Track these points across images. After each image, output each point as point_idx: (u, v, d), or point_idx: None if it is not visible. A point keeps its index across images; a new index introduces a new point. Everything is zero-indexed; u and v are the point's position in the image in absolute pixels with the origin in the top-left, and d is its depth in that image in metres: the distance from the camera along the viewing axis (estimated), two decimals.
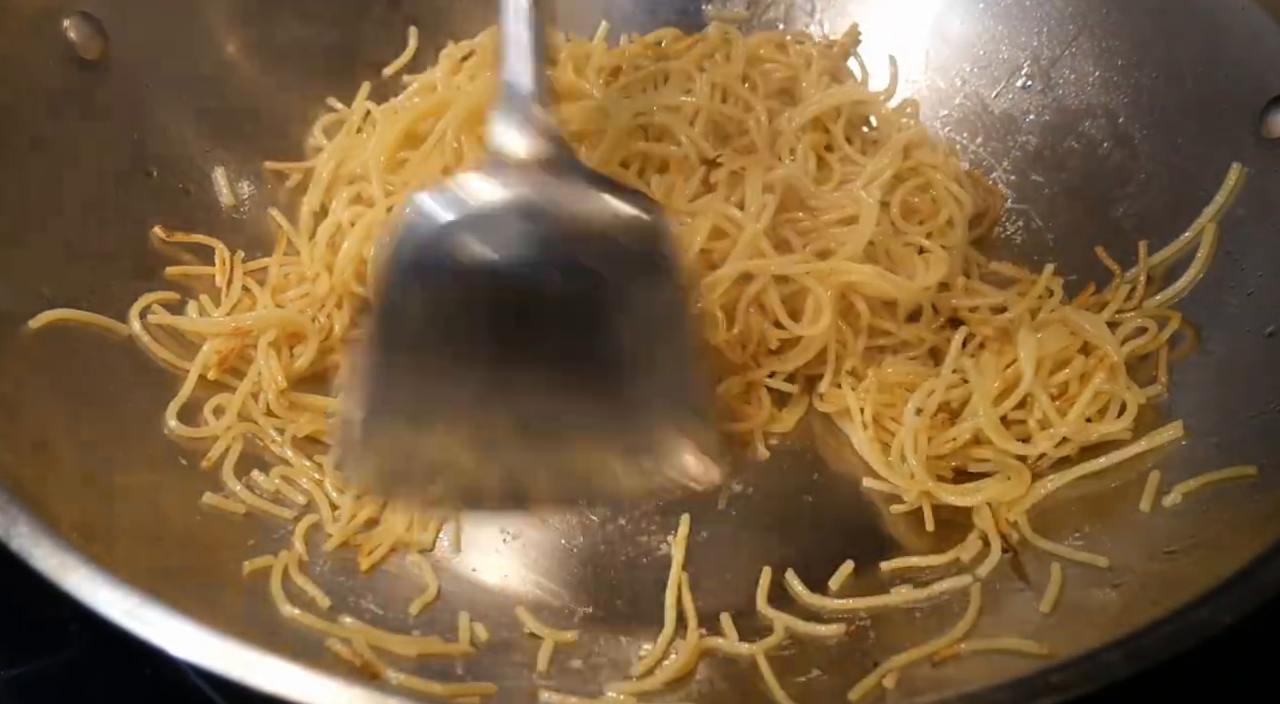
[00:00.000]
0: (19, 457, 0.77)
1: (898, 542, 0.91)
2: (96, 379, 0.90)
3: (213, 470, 0.91)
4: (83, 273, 0.94)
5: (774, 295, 0.96)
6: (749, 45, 1.12)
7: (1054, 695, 0.63)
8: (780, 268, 0.95)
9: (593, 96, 1.06)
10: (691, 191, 1.01)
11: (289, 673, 0.63)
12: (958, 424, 0.92)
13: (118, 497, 0.82)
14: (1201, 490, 0.84)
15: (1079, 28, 1.09)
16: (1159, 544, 0.81)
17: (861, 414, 0.95)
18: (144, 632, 0.64)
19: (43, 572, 0.67)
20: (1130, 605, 0.77)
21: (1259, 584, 0.68)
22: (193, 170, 1.06)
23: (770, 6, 1.22)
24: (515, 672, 0.81)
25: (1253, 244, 0.94)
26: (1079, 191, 1.08)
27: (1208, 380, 0.92)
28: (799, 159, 1.02)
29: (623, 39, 1.19)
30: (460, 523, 0.92)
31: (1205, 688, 0.85)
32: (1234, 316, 0.93)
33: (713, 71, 1.07)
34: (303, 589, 0.85)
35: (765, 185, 0.98)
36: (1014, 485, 0.90)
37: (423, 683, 0.77)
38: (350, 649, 0.78)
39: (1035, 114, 1.12)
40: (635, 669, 0.82)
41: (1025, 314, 0.98)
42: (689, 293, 0.84)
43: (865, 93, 1.13)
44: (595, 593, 0.89)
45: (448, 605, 0.87)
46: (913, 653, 0.80)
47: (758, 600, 0.86)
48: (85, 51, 0.98)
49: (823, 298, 0.95)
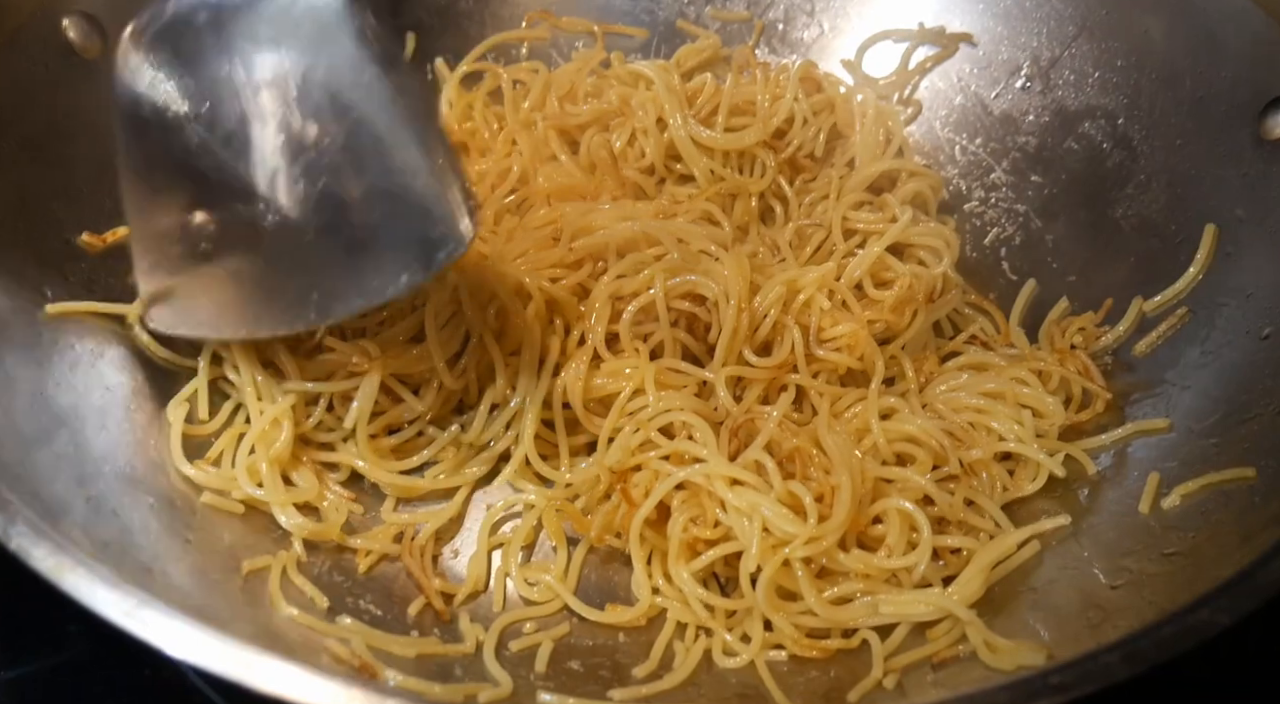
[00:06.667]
0: (16, 456, 0.77)
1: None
2: (95, 377, 0.90)
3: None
4: (82, 272, 0.94)
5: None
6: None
7: (1053, 696, 0.63)
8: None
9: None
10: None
11: (287, 673, 0.63)
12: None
13: (116, 496, 0.82)
14: (1200, 492, 0.84)
15: (1078, 29, 1.09)
16: (1157, 546, 0.82)
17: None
18: (142, 632, 0.64)
19: (41, 572, 0.67)
20: (1129, 606, 0.77)
21: (1257, 586, 0.68)
22: None
23: (770, 7, 1.22)
24: (514, 672, 0.81)
25: (1251, 246, 0.94)
26: (1078, 192, 1.08)
27: (1206, 382, 0.92)
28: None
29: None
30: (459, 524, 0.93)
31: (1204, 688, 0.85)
32: (1233, 318, 0.93)
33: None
34: (301, 589, 0.85)
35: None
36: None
37: (421, 683, 0.76)
38: (348, 649, 0.78)
39: (1035, 115, 1.12)
40: (635, 671, 0.82)
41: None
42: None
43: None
44: (594, 593, 0.89)
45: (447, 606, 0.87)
46: (913, 654, 0.80)
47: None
48: (84, 51, 0.98)
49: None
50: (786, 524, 0.83)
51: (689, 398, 0.93)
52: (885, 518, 0.87)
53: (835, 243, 1.06)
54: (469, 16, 1.20)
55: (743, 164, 1.11)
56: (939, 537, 0.86)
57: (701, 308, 0.96)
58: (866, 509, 0.87)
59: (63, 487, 0.78)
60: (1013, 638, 0.78)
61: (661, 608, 0.87)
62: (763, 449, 0.88)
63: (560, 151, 1.10)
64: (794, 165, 1.13)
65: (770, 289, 0.97)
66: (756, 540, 0.83)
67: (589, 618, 0.87)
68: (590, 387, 0.94)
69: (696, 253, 0.99)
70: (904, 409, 0.94)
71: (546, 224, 1.02)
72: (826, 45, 1.21)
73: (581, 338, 0.96)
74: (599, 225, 0.99)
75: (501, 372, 0.94)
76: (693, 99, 1.11)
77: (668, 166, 1.10)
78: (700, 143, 1.09)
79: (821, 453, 0.89)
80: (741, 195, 1.09)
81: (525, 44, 1.21)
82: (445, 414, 0.97)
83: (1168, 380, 0.95)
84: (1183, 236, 0.99)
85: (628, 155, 1.09)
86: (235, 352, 0.94)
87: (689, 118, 1.09)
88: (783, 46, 1.22)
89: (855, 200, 1.08)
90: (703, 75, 1.13)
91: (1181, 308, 0.97)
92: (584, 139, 1.10)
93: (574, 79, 1.14)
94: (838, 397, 0.97)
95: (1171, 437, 0.91)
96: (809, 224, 1.08)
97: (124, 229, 0.98)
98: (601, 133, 1.10)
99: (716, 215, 1.06)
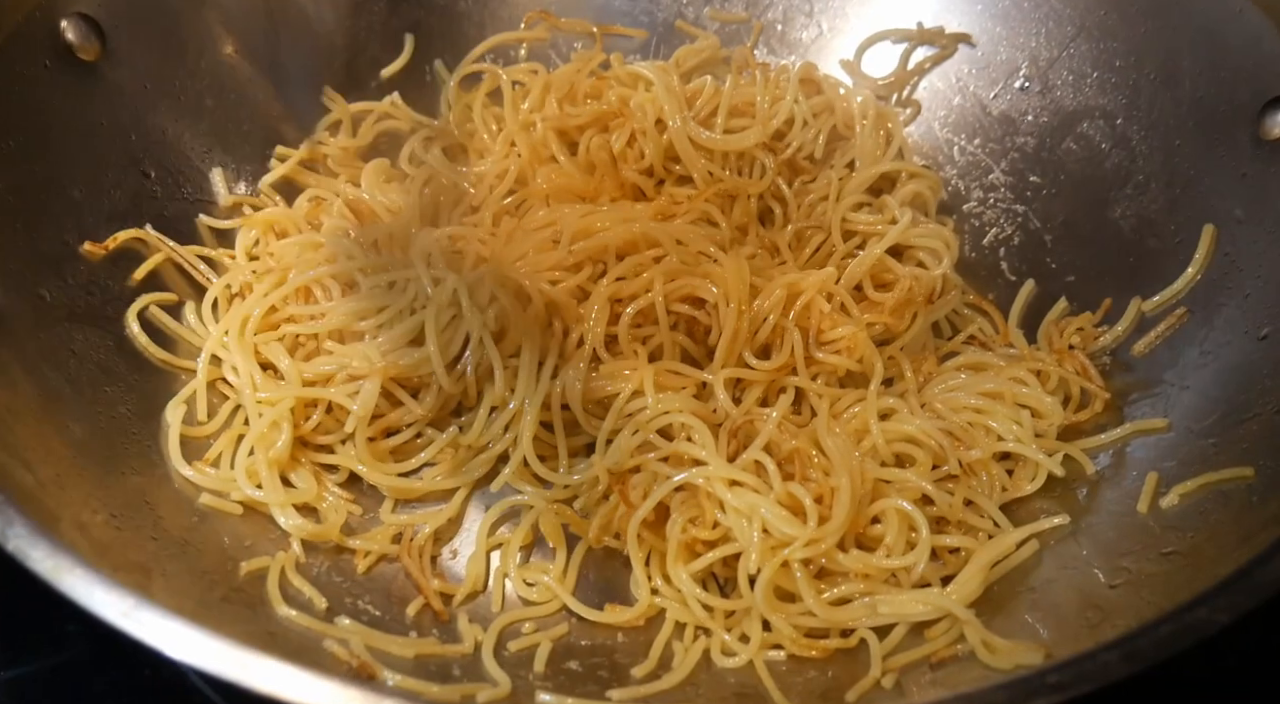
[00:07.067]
0: (15, 457, 0.77)
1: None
2: (94, 379, 0.90)
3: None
4: (82, 273, 0.94)
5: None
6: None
7: (1051, 695, 0.63)
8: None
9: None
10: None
11: (285, 673, 0.63)
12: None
13: (114, 497, 0.82)
14: (1199, 492, 0.84)
15: (1077, 29, 1.09)
16: (1156, 545, 0.82)
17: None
18: (140, 633, 0.64)
19: (39, 573, 0.67)
20: (1127, 606, 0.77)
21: (1256, 585, 0.68)
22: (191, 171, 1.06)
23: (769, 7, 1.22)
24: (513, 672, 0.81)
25: (1250, 246, 0.94)
26: (1077, 192, 1.08)
27: (1205, 382, 0.92)
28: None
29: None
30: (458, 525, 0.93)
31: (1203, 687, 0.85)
32: (1231, 318, 0.93)
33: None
34: (300, 590, 0.85)
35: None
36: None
37: (420, 684, 0.76)
38: (347, 650, 0.78)
39: (1033, 115, 1.12)
40: (634, 671, 0.82)
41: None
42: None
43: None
44: (593, 593, 0.89)
45: (446, 606, 0.87)
46: (911, 653, 0.80)
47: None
48: (83, 52, 0.98)
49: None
50: (786, 526, 0.83)
51: (688, 400, 0.93)
52: (884, 518, 0.87)
53: (835, 244, 1.06)
54: (468, 17, 1.20)
55: (742, 165, 1.11)
56: (938, 536, 0.86)
57: (701, 311, 0.96)
58: (865, 509, 0.87)
59: (61, 488, 0.78)
60: (1011, 637, 0.78)
61: (660, 608, 0.87)
62: (762, 450, 0.88)
63: (559, 153, 1.10)
64: (793, 167, 1.13)
65: (771, 292, 0.97)
66: (756, 542, 0.83)
67: (588, 618, 0.87)
68: (589, 388, 0.94)
69: (695, 254, 0.99)
70: (903, 409, 0.94)
71: (546, 225, 1.02)
72: (825, 46, 1.21)
73: (580, 340, 0.96)
74: (598, 227, 0.99)
75: (500, 374, 0.95)
76: (692, 100, 1.11)
77: (667, 168, 1.10)
78: (699, 144, 1.09)
79: (821, 454, 0.89)
80: (740, 197, 1.09)
81: (524, 45, 1.21)
82: (444, 416, 0.97)
83: (1166, 380, 0.94)
84: (1181, 236, 0.99)
85: (627, 156, 1.09)
86: (235, 353, 0.95)
87: (688, 119, 1.09)
88: (781, 47, 1.22)
89: (855, 202, 1.09)
90: (702, 77, 1.14)
91: (1180, 308, 0.97)
92: (583, 140, 1.10)
93: (573, 80, 1.14)
94: (837, 398, 0.97)
95: (1170, 436, 0.91)
96: (808, 225, 1.08)
97: (124, 234, 0.98)
98: (601, 134, 1.10)
99: (715, 216, 1.06)
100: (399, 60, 1.18)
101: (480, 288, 0.95)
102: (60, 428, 0.84)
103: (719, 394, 0.94)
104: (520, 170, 1.10)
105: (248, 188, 1.09)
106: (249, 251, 1.04)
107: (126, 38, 1.01)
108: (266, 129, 1.12)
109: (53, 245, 0.93)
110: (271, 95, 1.12)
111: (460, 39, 1.20)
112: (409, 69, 1.18)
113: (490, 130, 1.15)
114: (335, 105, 1.15)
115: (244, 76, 1.11)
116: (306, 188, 1.11)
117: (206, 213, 1.05)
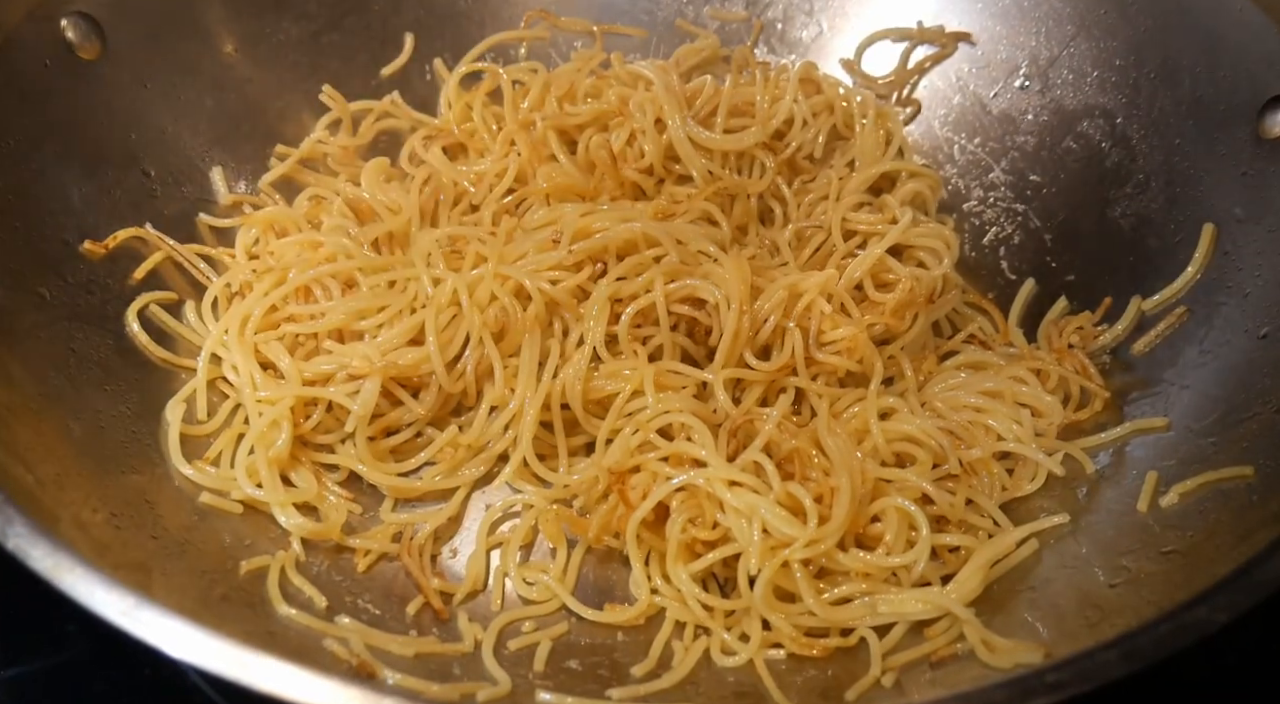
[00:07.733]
0: (15, 456, 0.77)
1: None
2: (94, 378, 0.90)
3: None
4: (82, 272, 0.94)
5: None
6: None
7: (1050, 694, 0.63)
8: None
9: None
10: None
11: (285, 672, 0.63)
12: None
13: (114, 496, 0.82)
14: (1198, 491, 0.84)
15: (1077, 28, 1.09)
16: (1155, 544, 0.82)
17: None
18: (140, 632, 0.64)
19: (39, 572, 0.67)
20: (1127, 605, 0.77)
21: (1255, 584, 0.68)
22: (191, 170, 1.06)
23: (769, 6, 1.22)
24: (513, 671, 0.81)
25: (1250, 245, 0.94)
26: (1077, 191, 1.08)
27: (1204, 381, 0.92)
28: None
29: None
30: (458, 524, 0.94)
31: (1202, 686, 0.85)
32: (1231, 317, 0.93)
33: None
34: (300, 589, 0.85)
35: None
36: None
37: (419, 682, 0.76)
38: (347, 649, 0.78)
39: (1033, 114, 1.12)
40: (634, 670, 0.82)
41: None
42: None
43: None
44: (593, 592, 0.89)
45: (446, 605, 0.87)
46: (911, 652, 0.80)
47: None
48: (83, 51, 0.98)
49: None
50: (786, 527, 0.83)
51: (688, 399, 0.93)
52: (884, 516, 0.87)
53: (835, 244, 1.06)
54: (468, 16, 1.20)
55: (741, 165, 1.11)
56: (938, 535, 0.86)
57: (701, 312, 0.96)
58: (865, 509, 0.87)
59: (61, 487, 0.78)
60: (1011, 636, 0.78)
61: (660, 607, 0.87)
62: (761, 450, 0.88)
63: (559, 152, 1.10)
64: (793, 166, 1.13)
65: (772, 293, 0.97)
66: (756, 543, 0.83)
67: (587, 617, 0.87)
68: (589, 388, 0.94)
69: (695, 254, 0.99)
70: (903, 409, 0.94)
71: (545, 225, 1.02)
72: (825, 44, 1.21)
73: (580, 339, 0.96)
74: (598, 227, 0.99)
75: (500, 373, 0.94)
76: (692, 100, 1.11)
77: (667, 167, 1.10)
78: (699, 143, 1.09)
79: (821, 454, 0.89)
80: (740, 196, 1.09)
81: (524, 44, 1.21)
82: (444, 416, 0.98)
83: (1166, 379, 0.95)
84: (1181, 235, 0.99)
85: (627, 156, 1.09)
86: (235, 352, 0.95)
87: (688, 119, 1.09)
88: (781, 46, 1.22)
89: (855, 201, 1.09)
90: (702, 77, 1.13)
91: (1180, 307, 0.97)
92: (583, 139, 1.10)
93: (573, 79, 1.14)
94: (836, 397, 0.97)
95: (1170, 435, 0.91)
96: (808, 225, 1.08)
97: (124, 233, 0.98)
98: (600, 133, 1.10)
99: (715, 216, 1.06)
100: (399, 59, 1.18)
101: (480, 287, 0.95)
102: (60, 427, 0.84)
103: (719, 394, 0.94)
104: (520, 169, 1.09)
105: (248, 186, 1.09)
106: (249, 250, 1.04)
107: (126, 36, 1.01)
108: (266, 128, 1.12)
109: (53, 245, 0.94)
110: (271, 95, 1.12)
111: (460, 38, 1.20)
112: (409, 68, 1.18)
113: (490, 129, 1.15)
114: (335, 104, 1.15)
115: (244, 76, 1.11)
116: (306, 186, 1.11)
117: (206, 211, 1.05)
